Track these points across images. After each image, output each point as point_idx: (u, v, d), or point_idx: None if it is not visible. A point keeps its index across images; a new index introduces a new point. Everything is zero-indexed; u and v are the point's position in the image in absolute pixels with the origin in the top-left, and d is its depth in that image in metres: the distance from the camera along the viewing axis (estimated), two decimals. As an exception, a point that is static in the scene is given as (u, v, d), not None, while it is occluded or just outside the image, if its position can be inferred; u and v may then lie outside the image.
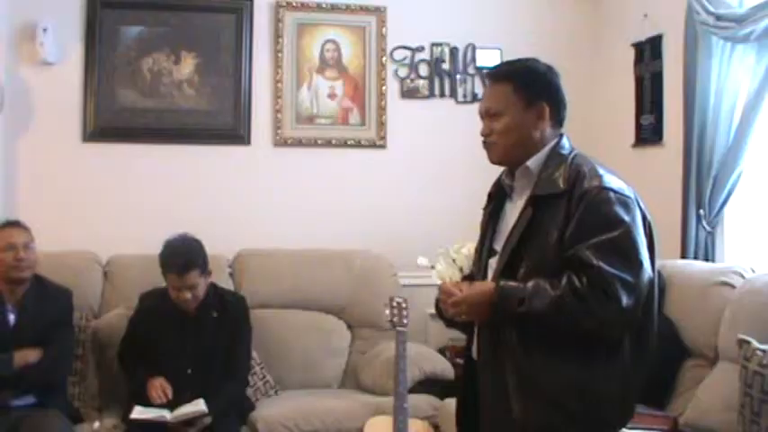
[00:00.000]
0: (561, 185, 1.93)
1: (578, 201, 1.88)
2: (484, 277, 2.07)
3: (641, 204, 1.96)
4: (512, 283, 1.89)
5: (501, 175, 2.14)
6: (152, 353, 3.26)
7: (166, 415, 3.04)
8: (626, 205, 1.89)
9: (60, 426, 3.06)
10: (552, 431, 1.89)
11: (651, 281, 1.90)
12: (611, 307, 1.81)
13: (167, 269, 3.23)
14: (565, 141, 2.05)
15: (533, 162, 2.01)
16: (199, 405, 3.07)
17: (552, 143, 2.03)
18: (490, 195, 2.18)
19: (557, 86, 2.06)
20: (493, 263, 2.05)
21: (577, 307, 1.81)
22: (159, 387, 3.14)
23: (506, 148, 2.02)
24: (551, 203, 1.92)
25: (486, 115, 2.06)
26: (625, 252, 1.85)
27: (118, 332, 3.45)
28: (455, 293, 1.97)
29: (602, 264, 1.81)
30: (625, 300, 1.81)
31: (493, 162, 2.09)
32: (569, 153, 2.01)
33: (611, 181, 1.92)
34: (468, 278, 2.29)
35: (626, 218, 1.87)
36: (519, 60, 2.14)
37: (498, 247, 2.05)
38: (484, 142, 2.07)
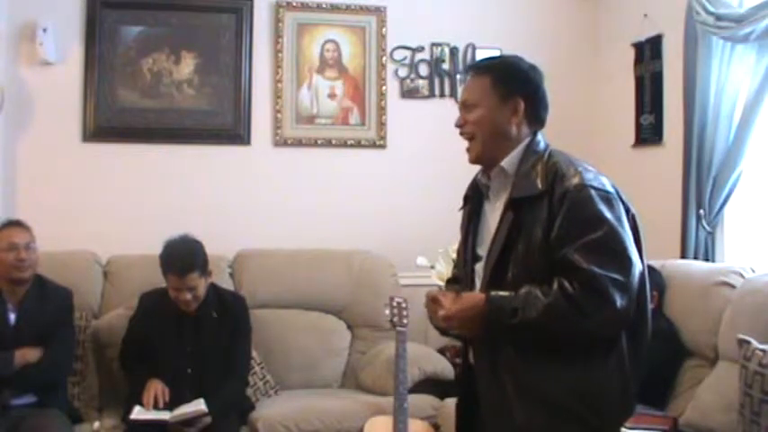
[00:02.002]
0: (539, 186, 1.90)
1: (560, 200, 1.86)
2: (471, 282, 2.05)
3: (623, 197, 1.94)
4: (502, 294, 1.87)
5: (477, 175, 2.12)
6: (152, 353, 3.26)
7: (166, 415, 3.04)
8: (609, 201, 1.87)
9: (60, 425, 3.06)
10: None
11: (642, 275, 1.89)
12: (605, 308, 1.80)
13: (167, 270, 3.23)
14: (539, 138, 2.02)
15: (508, 162, 1.99)
16: (199, 405, 3.07)
17: (526, 141, 2.01)
18: (467, 197, 2.16)
19: (536, 84, 2.04)
20: (478, 268, 2.03)
21: (572, 312, 1.80)
22: (153, 393, 3.12)
23: (482, 143, 2.01)
24: (532, 205, 1.90)
25: (463, 107, 2.06)
26: (613, 251, 1.83)
27: (118, 332, 3.44)
28: (444, 305, 1.94)
29: (592, 266, 1.80)
30: (619, 299, 1.80)
31: (471, 161, 2.07)
32: (544, 150, 1.99)
33: (591, 177, 1.89)
34: (454, 281, 2.28)
35: (610, 215, 1.85)
36: (501, 56, 2.14)
37: (482, 251, 2.03)
38: (461, 134, 2.06)
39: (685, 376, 3.10)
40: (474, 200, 2.12)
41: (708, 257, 3.49)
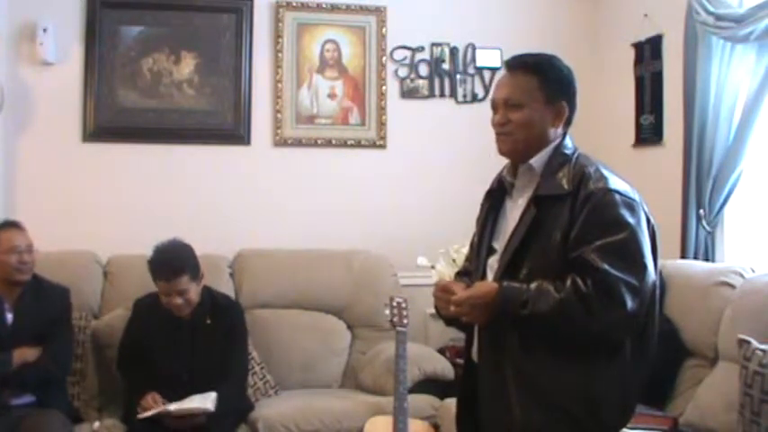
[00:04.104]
0: (565, 187, 1.91)
1: (583, 202, 1.87)
2: (482, 276, 2.05)
3: (645, 207, 1.95)
4: (515, 285, 1.87)
5: (502, 171, 2.12)
6: (148, 359, 3.23)
7: (170, 407, 3.03)
8: (631, 208, 1.88)
9: (60, 425, 3.06)
10: None
11: (654, 284, 1.89)
12: (615, 311, 1.81)
13: (156, 276, 3.19)
14: (568, 141, 2.03)
15: (537, 161, 1.99)
16: (206, 402, 3.04)
17: (556, 142, 2.01)
18: (491, 191, 2.15)
19: (575, 89, 2.04)
20: (492, 262, 2.03)
21: (581, 310, 1.80)
22: (150, 399, 3.09)
23: (521, 141, 1.99)
24: (555, 204, 1.91)
25: (504, 105, 2.01)
26: (630, 255, 1.84)
27: (118, 332, 3.43)
28: (455, 292, 1.95)
29: (607, 267, 1.80)
30: (630, 303, 1.80)
31: (502, 153, 2.05)
32: (573, 153, 2.00)
33: (617, 183, 1.91)
34: (463, 274, 2.28)
35: (631, 220, 1.86)
36: (542, 55, 2.07)
37: (498, 245, 2.03)
38: (498, 132, 2.02)
39: (685, 376, 3.10)
40: (496, 195, 2.12)
41: (708, 257, 3.49)
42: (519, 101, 1.99)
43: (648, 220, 1.94)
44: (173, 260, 3.19)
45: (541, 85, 1.99)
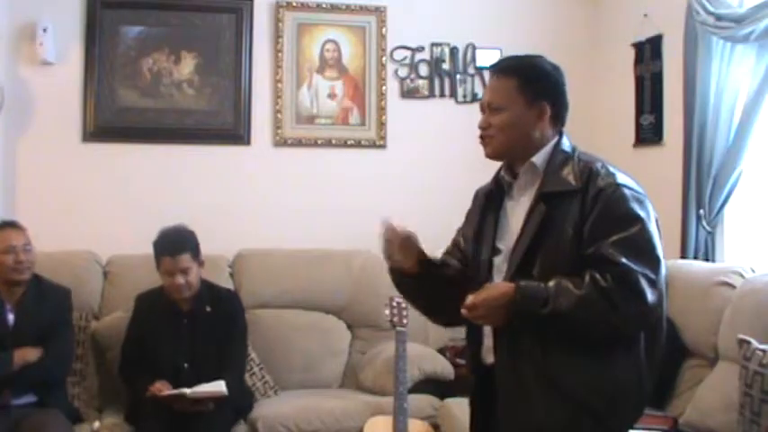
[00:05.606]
0: (573, 183, 1.92)
1: (594, 199, 1.88)
2: (487, 277, 2.04)
3: (650, 201, 1.96)
4: (533, 284, 1.86)
5: (499, 172, 2.11)
6: (150, 352, 3.27)
7: (186, 390, 3.05)
8: (640, 202, 1.90)
9: (60, 425, 3.06)
10: (575, 430, 1.87)
11: (666, 277, 1.90)
12: (637, 303, 1.81)
13: (160, 252, 3.28)
14: (565, 140, 2.04)
15: (539, 158, 1.99)
16: (219, 386, 3.08)
17: (554, 141, 2.02)
18: (490, 191, 2.13)
19: (561, 87, 2.04)
20: (498, 262, 2.02)
21: (604, 305, 1.80)
22: (158, 386, 3.12)
23: (503, 143, 2.00)
24: (563, 200, 1.91)
25: (487, 108, 2.03)
26: (645, 248, 1.85)
27: (118, 333, 3.44)
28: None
29: (625, 260, 1.81)
30: (650, 295, 1.81)
31: (488, 156, 2.06)
32: (573, 151, 2.01)
33: (624, 178, 1.93)
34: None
35: (642, 214, 1.88)
36: (526, 56, 2.09)
37: (502, 245, 2.02)
38: (481, 135, 2.04)
39: (685, 376, 3.10)
40: (494, 195, 2.11)
41: (708, 257, 3.49)
42: (499, 104, 2.00)
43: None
44: (176, 237, 3.30)
45: (521, 86, 1.99)
